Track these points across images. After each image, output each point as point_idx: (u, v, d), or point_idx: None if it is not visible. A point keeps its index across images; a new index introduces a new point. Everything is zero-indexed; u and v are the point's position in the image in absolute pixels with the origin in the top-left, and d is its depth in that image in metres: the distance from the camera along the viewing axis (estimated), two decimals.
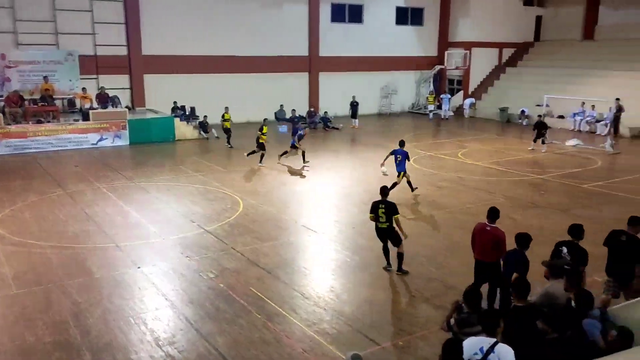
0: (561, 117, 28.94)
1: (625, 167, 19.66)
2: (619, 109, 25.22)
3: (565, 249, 7.62)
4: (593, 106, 27.22)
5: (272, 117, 29.15)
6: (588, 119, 27.54)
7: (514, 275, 6.71)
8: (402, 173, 15.19)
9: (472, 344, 5.03)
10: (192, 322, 8.34)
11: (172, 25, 27.05)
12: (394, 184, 14.72)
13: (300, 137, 19.51)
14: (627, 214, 8.41)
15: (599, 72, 30.23)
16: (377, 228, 10.13)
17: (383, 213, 9.92)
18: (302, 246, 11.87)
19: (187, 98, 27.49)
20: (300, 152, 19.52)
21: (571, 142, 23.76)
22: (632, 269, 7.50)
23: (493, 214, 8.33)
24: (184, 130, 24.90)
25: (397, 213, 9.93)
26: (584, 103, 27.49)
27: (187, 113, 27.34)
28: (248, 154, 19.50)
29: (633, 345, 5.20)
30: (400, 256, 10.09)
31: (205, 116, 25.81)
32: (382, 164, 15.96)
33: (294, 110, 25.37)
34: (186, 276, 10.04)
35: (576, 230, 7.72)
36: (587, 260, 7.50)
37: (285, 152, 19.54)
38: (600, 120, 26.70)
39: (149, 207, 14.37)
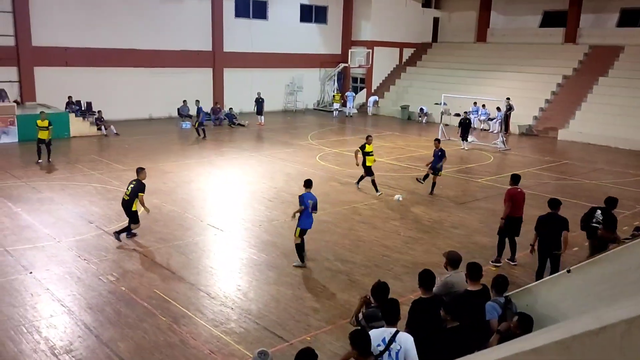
0: (457, 115, 30.49)
1: (514, 163, 21.14)
2: (510, 108, 27.04)
3: (599, 212, 9.66)
4: (484, 105, 28.98)
5: (174, 113, 28.43)
6: (481, 117, 29.28)
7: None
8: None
9: (375, 336, 5.20)
10: (92, 328, 7.94)
11: (65, 15, 25.46)
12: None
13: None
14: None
15: (491, 73, 32.30)
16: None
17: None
18: (207, 245, 11.67)
19: (83, 93, 26.08)
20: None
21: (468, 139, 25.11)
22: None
23: (518, 178, 10.91)
24: (79, 126, 23.58)
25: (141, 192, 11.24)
26: (475, 103, 29.17)
27: (83, 108, 25.93)
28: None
29: (533, 330, 5.58)
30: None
31: (99, 111, 24.65)
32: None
33: (197, 101, 24.74)
34: (84, 280, 9.54)
35: (611, 201, 9.76)
36: (616, 226, 9.31)
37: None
38: (493, 119, 28.48)
39: (41, 208, 13.47)
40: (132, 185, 11.36)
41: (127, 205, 11.38)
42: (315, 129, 28.27)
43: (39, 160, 18.33)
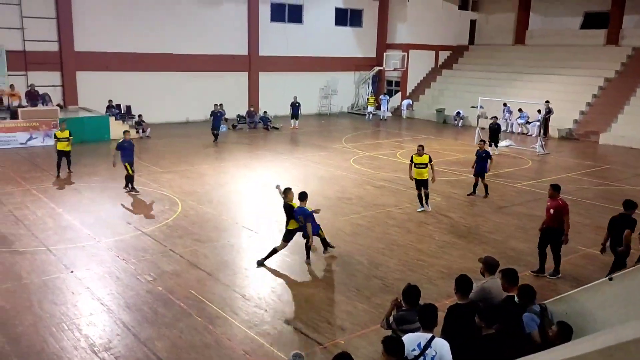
0: (494, 118, 29.99)
1: (553, 167, 20.68)
2: (549, 111, 26.45)
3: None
4: (520, 109, 28.42)
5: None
6: (520, 121, 28.74)
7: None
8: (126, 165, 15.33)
9: (411, 340, 5.15)
10: (130, 327, 8.11)
11: (106, 21, 26.14)
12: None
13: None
14: None
15: (529, 75, 31.69)
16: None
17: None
18: (242, 247, 11.78)
19: (123, 96, 26.70)
20: None
21: (504, 143, 24.72)
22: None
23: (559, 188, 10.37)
24: (119, 129, 24.07)
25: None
26: (505, 104, 28.64)
27: (122, 112, 26.55)
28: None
29: (572, 338, 5.45)
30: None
31: (139, 115, 25.21)
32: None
33: (216, 104, 24.74)
34: (122, 280, 9.75)
35: (629, 205, 9.60)
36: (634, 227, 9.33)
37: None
38: (532, 122, 27.91)
39: (82, 209, 13.85)
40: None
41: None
42: (350, 132, 28.24)
43: (59, 175, 16.96)
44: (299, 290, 9.57)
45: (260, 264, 10.55)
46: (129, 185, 15.50)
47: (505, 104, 28.70)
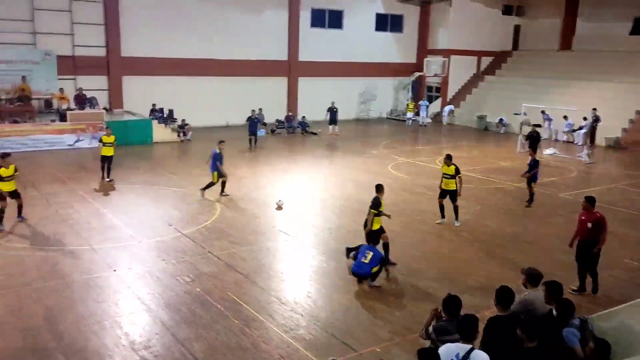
0: (538, 125, 29.34)
1: (600, 177, 20.07)
2: (596, 119, 25.70)
3: None
4: (565, 117, 27.66)
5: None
6: (565, 129, 27.99)
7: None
8: (214, 173, 15.54)
9: (449, 351, 5.08)
10: (168, 327, 8.26)
11: (151, 27, 26.82)
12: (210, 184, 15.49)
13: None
14: None
15: (575, 82, 30.86)
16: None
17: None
18: (279, 251, 11.85)
19: (166, 100, 27.31)
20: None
21: (548, 151, 24.16)
22: None
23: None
24: (161, 132, 24.69)
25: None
26: (544, 111, 27.95)
27: (165, 115, 27.14)
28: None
29: (611, 355, 5.26)
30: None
31: (183, 120, 25.74)
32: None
33: (253, 110, 24.94)
34: (162, 280, 9.94)
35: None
36: None
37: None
38: (579, 129, 27.13)
39: (125, 210, 14.20)
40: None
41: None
42: (388, 138, 28.09)
43: (103, 177, 17.00)
44: (334, 296, 9.55)
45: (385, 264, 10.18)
46: (222, 190, 15.77)
47: (543, 112, 27.99)
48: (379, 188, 10.86)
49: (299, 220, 13.88)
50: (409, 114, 33.91)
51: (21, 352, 7.46)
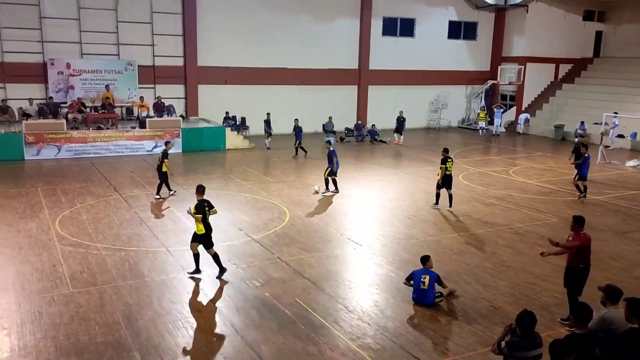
0: (621, 136, 27.95)
1: None
2: None
3: None
4: None
5: (320, 129, 29.47)
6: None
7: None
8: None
9: None
10: (238, 329, 8.48)
11: (226, 38, 27.73)
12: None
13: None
14: None
15: None
16: None
17: None
18: (346, 259, 11.89)
19: (238, 108, 28.08)
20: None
21: (631, 163, 22.91)
22: None
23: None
24: (234, 139, 25.38)
25: None
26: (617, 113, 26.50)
27: (237, 123, 27.90)
28: None
29: None
30: None
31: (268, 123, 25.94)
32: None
33: (296, 119, 24.83)
34: (233, 283, 10.22)
35: None
36: None
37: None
38: None
39: None
40: None
41: None
42: (459, 147, 27.54)
43: (174, 192, 16.67)
44: (402, 306, 9.46)
45: None
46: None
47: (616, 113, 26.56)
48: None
49: (368, 229, 13.87)
50: (481, 123, 33.11)
51: (102, 346, 7.88)
